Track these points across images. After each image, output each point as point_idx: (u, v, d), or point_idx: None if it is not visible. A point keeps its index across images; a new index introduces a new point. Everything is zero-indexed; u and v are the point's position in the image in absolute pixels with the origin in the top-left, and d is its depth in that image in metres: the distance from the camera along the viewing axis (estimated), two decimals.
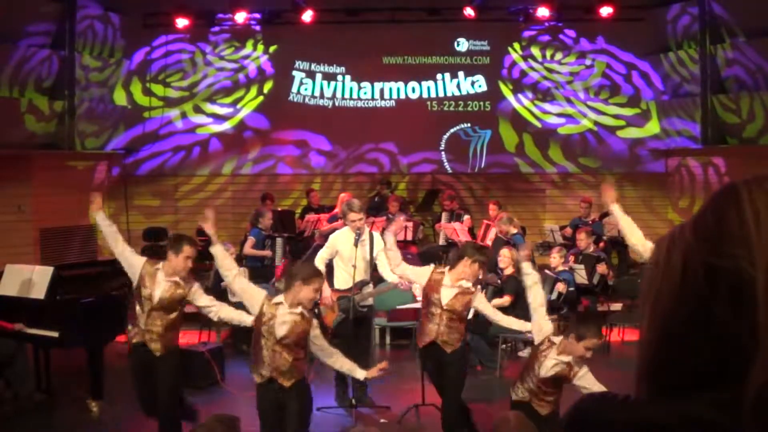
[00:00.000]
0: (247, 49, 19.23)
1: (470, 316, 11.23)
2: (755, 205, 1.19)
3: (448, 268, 8.43)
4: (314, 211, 16.81)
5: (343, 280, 9.93)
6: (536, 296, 7.31)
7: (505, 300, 11.40)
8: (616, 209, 7.89)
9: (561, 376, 6.75)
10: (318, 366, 8.55)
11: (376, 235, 10.28)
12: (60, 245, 16.78)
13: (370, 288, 9.90)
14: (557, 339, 6.91)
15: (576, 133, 19.14)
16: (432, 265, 8.85)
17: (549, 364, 6.78)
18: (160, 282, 7.67)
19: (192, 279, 7.97)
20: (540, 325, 7.17)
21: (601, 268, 13.55)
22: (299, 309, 6.82)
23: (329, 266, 10.24)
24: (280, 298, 6.92)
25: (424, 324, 8.40)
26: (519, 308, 11.64)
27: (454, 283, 8.24)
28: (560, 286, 12.29)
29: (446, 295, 8.22)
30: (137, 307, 7.78)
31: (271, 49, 19.23)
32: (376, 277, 10.09)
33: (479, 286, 8.85)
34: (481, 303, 8.51)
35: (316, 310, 7.11)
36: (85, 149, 17.65)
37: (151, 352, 7.61)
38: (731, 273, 1.17)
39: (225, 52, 19.21)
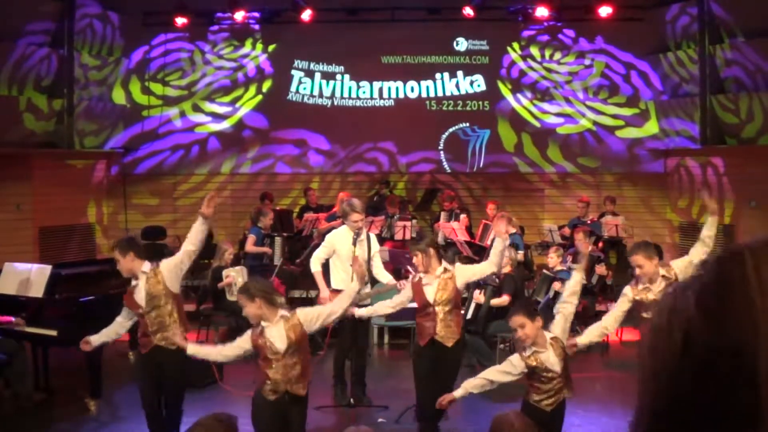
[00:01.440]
0: (246, 48, 19.23)
1: (470, 315, 11.27)
2: (761, 276, 1.17)
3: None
4: (313, 210, 16.82)
5: (341, 279, 9.93)
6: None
7: (504, 300, 11.39)
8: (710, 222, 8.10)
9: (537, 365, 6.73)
10: (315, 366, 8.54)
11: (373, 236, 10.29)
12: (59, 244, 16.78)
13: (368, 288, 9.89)
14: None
15: (575, 132, 19.14)
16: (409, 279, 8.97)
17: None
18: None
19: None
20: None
21: (600, 269, 13.56)
22: (279, 316, 6.84)
23: (326, 266, 10.25)
24: (261, 324, 6.85)
25: (422, 324, 8.42)
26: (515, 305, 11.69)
27: (431, 279, 8.35)
28: (557, 285, 12.28)
29: (430, 291, 8.35)
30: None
31: (270, 48, 19.23)
32: (371, 278, 10.08)
33: (456, 264, 8.92)
34: (463, 271, 8.63)
35: None
36: (84, 148, 17.66)
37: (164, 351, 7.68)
38: (733, 355, 1.14)
39: (224, 51, 19.20)
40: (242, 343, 6.95)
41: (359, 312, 8.83)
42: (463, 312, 10.20)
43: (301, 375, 6.85)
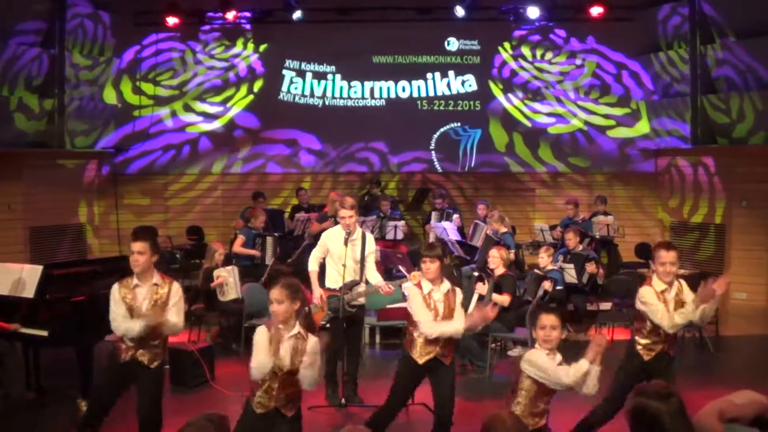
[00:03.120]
0: (238, 48, 19.21)
1: (471, 309, 11.23)
2: None
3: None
4: (304, 210, 16.81)
5: (333, 279, 9.92)
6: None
7: (505, 299, 11.36)
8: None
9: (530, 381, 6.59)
10: None
11: (369, 236, 10.27)
12: (50, 244, 16.75)
13: (361, 288, 9.89)
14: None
15: (566, 132, 19.19)
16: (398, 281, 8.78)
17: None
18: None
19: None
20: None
21: (590, 267, 13.58)
22: (296, 331, 6.52)
23: (322, 265, 10.25)
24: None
25: (422, 341, 8.01)
26: (514, 307, 11.70)
27: (439, 294, 8.04)
28: (546, 284, 12.30)
29: (440, 307, 8.00)
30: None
31: (262, 47, 19.22)
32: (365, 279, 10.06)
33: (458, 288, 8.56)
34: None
35: (307, 309, 7.02)
36: (75, 148, 17.63)
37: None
38: None
39: (215, 51, 19.19)
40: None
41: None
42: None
43: (295, 399, 6.59)
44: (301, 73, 19.36)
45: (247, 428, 6.57)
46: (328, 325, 9.78)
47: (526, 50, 19.21)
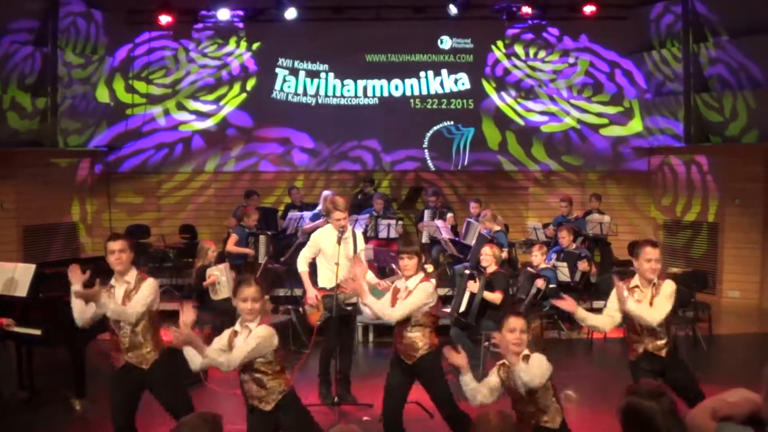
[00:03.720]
0: (231, 47, 19.20)
1: (463, 307, 11.23)
2: None
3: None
4: (297, 208, 16.80)
5: (326, 278, 9.91)
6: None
7: (497, 296, 11.34)
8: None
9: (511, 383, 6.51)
10: (301, 364, 8.50)
11: (359, 233, 10.27)
12: (43, 243, 16.75)
13: None
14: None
15: (559, 131, 19.20)
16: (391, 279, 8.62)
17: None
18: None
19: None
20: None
21: (582, 265, 13.59)
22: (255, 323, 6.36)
23: (312, 265, 10.23)
24: (247, 324, 6.39)
25: (412, 342, 7.90)
26: (506, 305, 11.68)
27: (405, 291, 7.94)
28: (539, 282, 12.32)
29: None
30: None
31: (255, 46, 19.21)
32: None
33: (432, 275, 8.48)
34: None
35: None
36: (67, 146, 17.62)
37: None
38: None
39: (208, 50, 19.17)
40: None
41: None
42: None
43: (267, 394, 6.40)
44: (294, 72, 19.34)
45: (255, 426, 6.51)
46: (323, 325, 9.79)
47: (519, 49, 19.22)
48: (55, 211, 17.30)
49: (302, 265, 10.15)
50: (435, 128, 19.35)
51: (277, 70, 19.30)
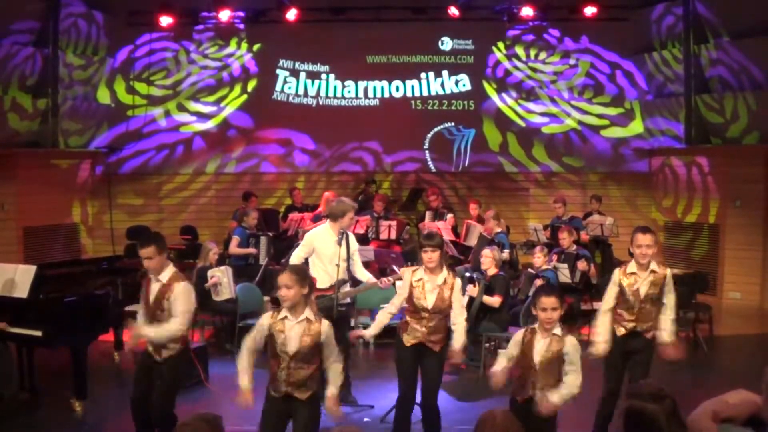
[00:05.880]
0: (231, 48, 19.20)
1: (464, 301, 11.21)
2: None
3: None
4: (298, 210, 16.79)
5: (321, 278, 9.87)
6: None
7: (495, 300, 11.35)
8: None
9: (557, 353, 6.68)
10: None
11: (349, 233, 10.25)
12: (43, 244, 16.73)
13: (348, 287, 9.85)
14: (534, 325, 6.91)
15: (560, 132, 19.19)
16: (405, 270, 8.61)
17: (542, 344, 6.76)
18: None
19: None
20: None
21: (582, 265, 13.57)
22: (304, 316, 6.49)
23: (306, 265, 10.20)
24: (283, 312, 6.52)
25: (414, 326, 8.15)
26: (506, 307, 11.68)
27: (433, 284, 8.11)
28: (538, 283, 12.30)
29: (431, 298, 8.06)
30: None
31: (255, 47, 19.21)
32: (351, 277, 10.02)
33: (458, 278, 8.57)
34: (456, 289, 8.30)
35: (313, 297, 6.98)
36: (68, 147, 17.61)
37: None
38: None
39: (209, 51, 19.17)
40: (260, 321, 6.61)
41: (369, 333, 8.69)
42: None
43: (305, 383, 6.53)
44: (294, 73, 19.35)
45: (270, 414, 6.57)
46: None
47: (519, 50, 19.21)
48: (55, 212, 17.30)
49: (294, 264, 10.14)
50: (436, 129, 19.34)
51: (278, 71, 19.30)
